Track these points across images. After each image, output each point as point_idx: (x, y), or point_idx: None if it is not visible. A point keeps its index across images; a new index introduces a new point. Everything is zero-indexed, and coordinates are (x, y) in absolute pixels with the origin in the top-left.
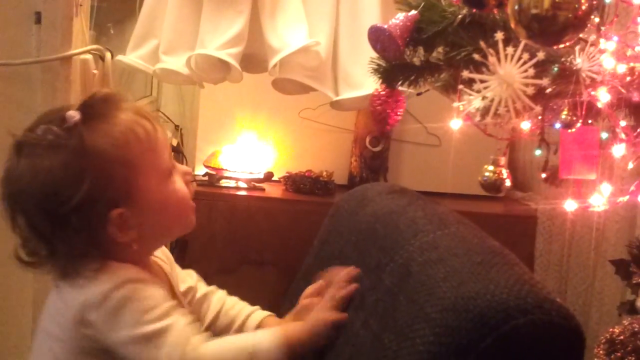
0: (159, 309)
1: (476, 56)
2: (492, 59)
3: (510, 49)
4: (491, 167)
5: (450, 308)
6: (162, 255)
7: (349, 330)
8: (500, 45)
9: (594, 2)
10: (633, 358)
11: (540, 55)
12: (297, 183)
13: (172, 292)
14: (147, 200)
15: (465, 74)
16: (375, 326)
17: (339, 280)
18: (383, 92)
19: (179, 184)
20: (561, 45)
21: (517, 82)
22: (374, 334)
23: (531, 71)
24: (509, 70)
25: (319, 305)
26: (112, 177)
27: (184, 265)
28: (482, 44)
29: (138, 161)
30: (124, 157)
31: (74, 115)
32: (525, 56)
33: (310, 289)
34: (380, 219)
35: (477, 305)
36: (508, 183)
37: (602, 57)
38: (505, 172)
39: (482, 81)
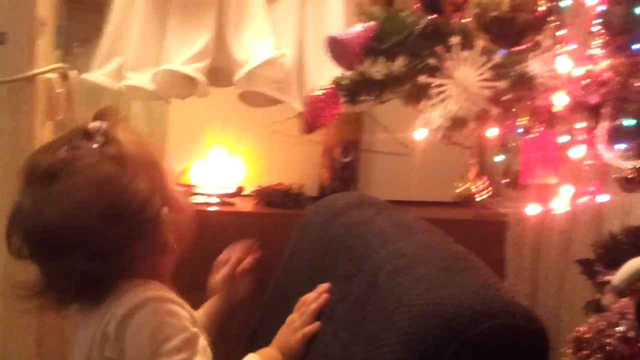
0: (177, 338)
1: (432, 61)
2: (447, 63)
3: (465, 53)
4: (462, 184)
5: (418, 315)
6: None
7: (320, 341)
8: (456, 50)
9: (553, 4)
10: (600, 356)
11: (497, 58)
12: (268, 196)
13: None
14: (176, 203)
15: (422, 78)
16: (345, 336)
17: (306, 298)
18: (321, 94)
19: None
20: (521, 47)
21: (473, 86)
22: (343, 344)
23: (488, 74)
24: (465, 74)
25: (287, 324)
26: (152, 176)
27: None
28: (437, 49)
29: (161, 161)
30: (152, 156)
31: (99, 124)
32: (481, 60)
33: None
34: (348, 230)
35: (444, 311)
36: (485, 194)
37: (557, 61)
38: (474, 186)
39: (439, 86)
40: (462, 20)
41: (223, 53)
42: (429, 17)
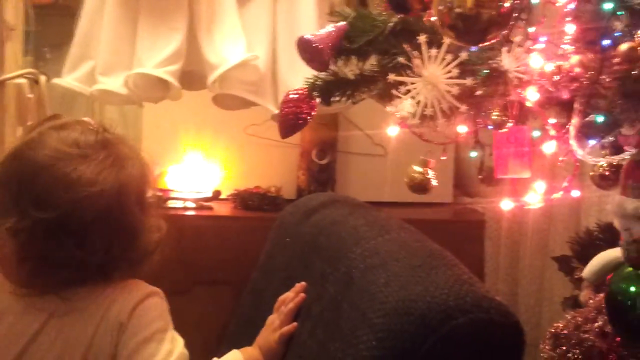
0: (171, 330)
1: (401, 59)
2: (416, 61)
3: (433, 51)
4: (417, 168)
5: (392, 312)
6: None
7: (297, 341)
8: (424, 48)
9: (517, 0)
10: (577, 351)
11: (464, 55)
12: (246, 200)
13: None
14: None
15: (392, 77)
16: (322, 335)
17: (285, 297)
18: (295, 96)
19: None
20: (486, 43)
21: (441, 83)
22: (320, 343)
23: (455, 71)
24: (433, 72)
25: (267, 325)
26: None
27: None
28: (406, 47)
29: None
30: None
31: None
32: (449, 57)
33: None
34: (323, 229)
35: (418, 308)
36: (434, 182)
37: (529, 57)
38: (431, 172)
39: (409, 84)
40: (432, 19)
41: (195, 56)
42: (399, 16)
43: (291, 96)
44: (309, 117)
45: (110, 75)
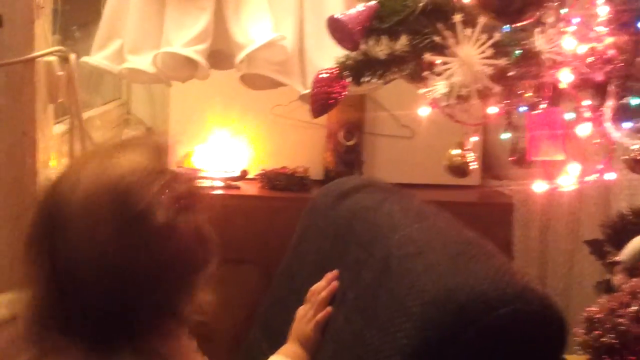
0: None
1: (436, 39)
2: (451, 42)
3: (468, 31)
4: (456, 151)
5: (431, 301)
6: None
7: (332, 327)
8: (459, 28)
9: None
10: (612, 336)
11: (497, 36)
12: (273, 180)
13: None
14: None
15: (427, 57)
16: (357, 322)
17: (316, 287)
18: (326, 75)
19: None
20: (521, 23)
21: (477, 63)
22: (355, 329)
23: (489, 51)
24: (468, 52)
25: (299, 317)
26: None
27: None
28: (440, 27)
29: None
30: None
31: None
32: (484, 37)
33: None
34: (357, 214)
35: (458, 298)
36: (475, 165)
37: (562, 38)
38: (471, 155)
39: (443, 64)
40: None
41: (223, 35)
42: None
43: (322, 76)
44: (340, 97)
45: (138, 53)
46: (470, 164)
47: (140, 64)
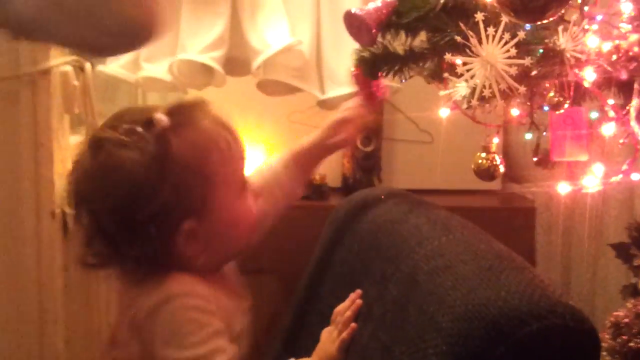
0: (202, 332)
1: (458, 38)
2: (473, 41)
3: (491, 30)
4: (483, 154)
5: (462, 317)
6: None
7: (357, 343)
8: (481, 26)
9: None
10: (639, 340)
11: (521, 34)
12: None
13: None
14: (219, 214)
15: (448, 57)
16: (385, 338)
17: (341, 308)
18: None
19: (251, 204)
20: (544, 21)
21: (500, 63)
22: (383, 345)
23: (513, 51)
24: (491, 51)
25: (324, 338)
26: (191, 188)
27: None
28: (462, 25)
29: (217, 173)
30: (205, 168)
31: (163, 119)
32: (507, 36)
33: None
34: (382, 227)
35: (489, 313)
36: (502, 169)
37: (586, 36)
38: (498, 158)
39: (465, 64)
40: None
41: (239, 41)
42: None
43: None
44: (383, 96)
45: (154, 61)
46: (498, 166)
47: (156, 72)
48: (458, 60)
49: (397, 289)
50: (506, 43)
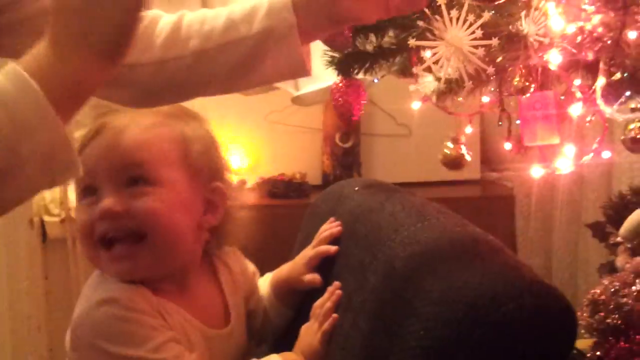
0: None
1: (421, 23)
2: (437, 24)
3: (454, 12)
4: (450, 145)
5: (438, 301)
6: (235, 263)
7: (338, 333)
8: (444, 9)
9: None
10: (616, 316)
11: (487, 15)
12: (271, 188)
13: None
14: None
15: (412, 42)
16: (365, 326)
17: (319, 302)
18: (342, 84)
19: (80, 214)
20: (501, 0)
21: (466, 45)
22: (363, 334)
23: (479, 32)
24: (456, 34)
25: (304, 332)
26: None
27: None
28: (426, 11)
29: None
30: None
31: None
32: (471, 18)
33: None
34: (359, 217)
35: (466, 295)
36: (468, 158)
37: (549, 19)
38: (464, 148)
39: (431, 50)
40: None
41: None
42: None
43: (338, 85)
44: (361, 102)
45: None
46: (464, 155)
47: None
48: (427, 54)
49: (375, 277)
50: (470, 25)
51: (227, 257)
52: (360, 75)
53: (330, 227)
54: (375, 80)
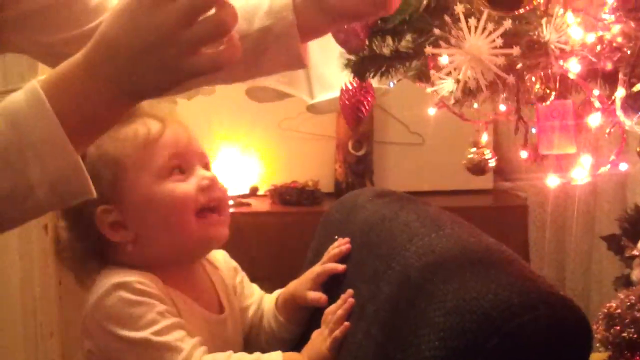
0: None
1: (437, 31)
2: (455, 33)
3: (473, 21)
4: (473, 149)
5: (453, 311)
6: (224, 265)
7: (351, 341)
8: (462, 18)
9: None
10: (632, 330)
11: (507, 24)
12: (284, 195)
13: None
14: (133, 197)
15: (429, 50)
16: (378, 336)
17: (331, 309)
18: (351, 86)
19: (181, 186)
20: (521, 10)
21: (485, 54)
22: (377, 343)
23: (499, 41)
24: (475, 43)
25: (314, 337)
26: (100, 173)
27: None
28: (446, 18)
29: (128, 159)
30: (114, 153)
31: None
32: (491, 26)
33: None
34: (373, 226)
35: (481, 306)
36: (493, 163)
37: (569, 27)
38: (488, 151)
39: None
40: None
41: None
42: None
43: (348, 87)
44: (369, 106)
45: None
46: (488, 160)
47: None
48: (444, 60)
49: (389, 287)
50: (490, 34)
51: (211, 254)
52: (376, 79)
53: (340, 244)
54: (391, 85)
